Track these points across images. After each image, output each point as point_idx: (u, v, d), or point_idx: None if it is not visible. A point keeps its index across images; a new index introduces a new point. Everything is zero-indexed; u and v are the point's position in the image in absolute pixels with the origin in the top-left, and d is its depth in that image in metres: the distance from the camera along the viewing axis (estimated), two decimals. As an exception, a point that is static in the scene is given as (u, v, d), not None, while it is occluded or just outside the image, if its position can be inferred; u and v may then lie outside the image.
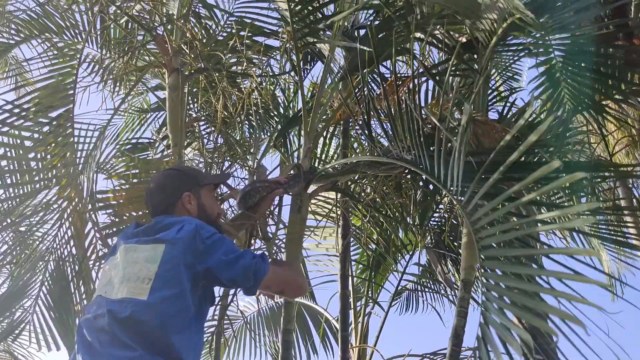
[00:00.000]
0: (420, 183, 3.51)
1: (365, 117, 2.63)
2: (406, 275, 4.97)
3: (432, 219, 4.49)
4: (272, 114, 5.06)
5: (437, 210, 4.51)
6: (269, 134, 5.05)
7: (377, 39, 3.31)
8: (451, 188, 1.94)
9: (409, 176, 3.57)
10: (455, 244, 4.72)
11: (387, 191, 3.11)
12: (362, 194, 3.61)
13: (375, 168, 2.97)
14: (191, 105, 4.95)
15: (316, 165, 4.25)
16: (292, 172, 2.70)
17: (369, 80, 4.16)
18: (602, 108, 2.96)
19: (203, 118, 4.91)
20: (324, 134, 4.77)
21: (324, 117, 3.63)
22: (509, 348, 1.50)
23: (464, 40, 3.76)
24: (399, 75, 3.60)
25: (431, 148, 2.20)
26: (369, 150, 3.24)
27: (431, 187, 3.63)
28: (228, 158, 4.76)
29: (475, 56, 3.48)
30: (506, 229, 1.76)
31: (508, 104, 3.91)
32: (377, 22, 3.75)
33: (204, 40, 3.76)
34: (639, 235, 4.27)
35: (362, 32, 4.25)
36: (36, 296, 3.26)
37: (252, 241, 2.81)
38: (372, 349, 4.42)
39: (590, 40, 2.92)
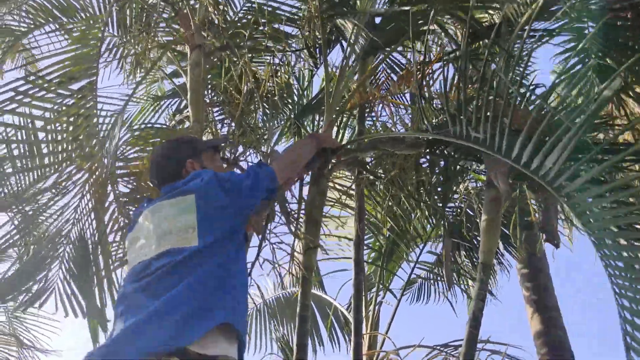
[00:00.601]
0: (441, 165, 3.49)
1: (422, 81, 2.59)
2: (420, 264, 4.94)
3: (447, 208, 4.48)
4: (286, 102, 5.07)
5: (453, 199, 4.50)
6: (282, 121, 5.06)
7: (401, 20, 3.28)
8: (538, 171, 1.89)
9: (427, 159, 3.56)
10: (470, 234, 4.71)
11: (406, 169, 3.09)
12: (381, 173, 3.57)
13: (397, 146, 2.95)
14: (206, 92, 4.96)
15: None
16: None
17: (390, 63, 4.16)
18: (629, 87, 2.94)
19: (217, 103, 4.91)
20: (338, 122, 4.77)
21: (343, 96, 3.61)
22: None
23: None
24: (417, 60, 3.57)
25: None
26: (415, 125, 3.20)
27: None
28: (242, 143, 4.76)
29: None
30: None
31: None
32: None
33: (225, 22, 3.76)
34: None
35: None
36: (58, 266, 3.23)
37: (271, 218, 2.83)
38: (383, 337, 4.39)
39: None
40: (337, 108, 3.59)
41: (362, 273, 3.95)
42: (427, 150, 3.16)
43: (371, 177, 3.60)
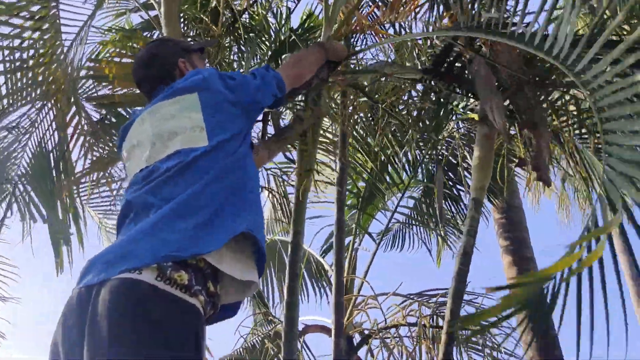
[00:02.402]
0: (432, 96, 3.33)
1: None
2: (399, 210, 4.81)
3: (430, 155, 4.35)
4: (263, 38, 4.82)
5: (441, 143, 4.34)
6: (259, 58, 4.82)
7: None
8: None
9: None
10: (452, 181, 4.60)
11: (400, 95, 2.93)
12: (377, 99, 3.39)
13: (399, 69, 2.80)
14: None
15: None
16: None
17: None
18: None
19: (191, 37, 4.63)
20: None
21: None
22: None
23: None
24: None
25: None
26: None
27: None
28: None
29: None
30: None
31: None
32: None
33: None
34: None
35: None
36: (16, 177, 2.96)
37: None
38: (361, 280, 4.27)
39: None
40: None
41: (343, 212, 3.78)
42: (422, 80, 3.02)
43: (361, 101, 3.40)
